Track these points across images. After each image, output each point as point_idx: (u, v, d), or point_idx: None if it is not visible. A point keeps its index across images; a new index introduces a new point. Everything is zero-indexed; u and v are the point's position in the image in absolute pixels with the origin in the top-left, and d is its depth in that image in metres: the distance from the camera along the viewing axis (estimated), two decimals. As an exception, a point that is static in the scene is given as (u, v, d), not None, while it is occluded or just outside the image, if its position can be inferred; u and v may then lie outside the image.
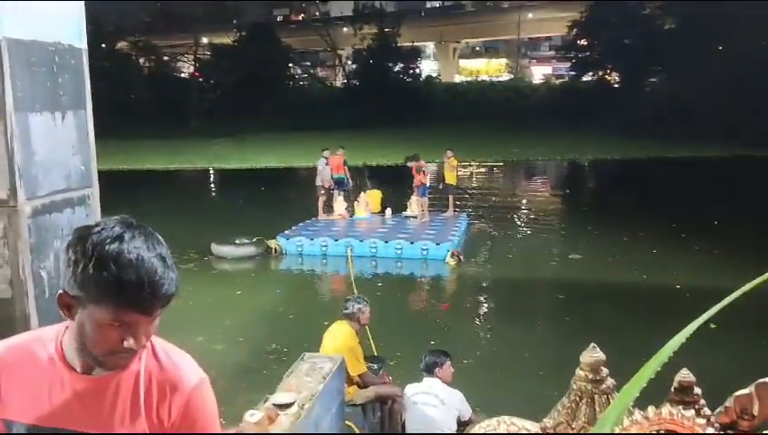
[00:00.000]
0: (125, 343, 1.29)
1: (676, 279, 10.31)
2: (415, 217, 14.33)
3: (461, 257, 12.15)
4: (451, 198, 15.07)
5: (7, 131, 2.21)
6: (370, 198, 15.15)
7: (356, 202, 14.94)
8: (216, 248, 12.57)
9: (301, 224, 14.00)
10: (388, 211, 14.91)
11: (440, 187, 15.38)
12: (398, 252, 12.41)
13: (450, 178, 14.94)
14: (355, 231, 13.46)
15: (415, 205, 14.51)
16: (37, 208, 2.35)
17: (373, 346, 7.43)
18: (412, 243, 12.45)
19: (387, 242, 12.59)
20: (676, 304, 9.01)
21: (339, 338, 5.11)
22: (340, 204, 14.87)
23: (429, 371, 4.80)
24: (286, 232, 13.28)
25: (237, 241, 12.61)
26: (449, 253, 12.11)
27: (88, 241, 1.24)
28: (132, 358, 1.34)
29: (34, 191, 2.33)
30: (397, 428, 5.16)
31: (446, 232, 13.22)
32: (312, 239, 12.90)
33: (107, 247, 1.22)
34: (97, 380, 1.38)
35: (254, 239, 12.77)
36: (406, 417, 4.81)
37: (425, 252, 12.26)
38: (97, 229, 1.26)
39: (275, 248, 12.87)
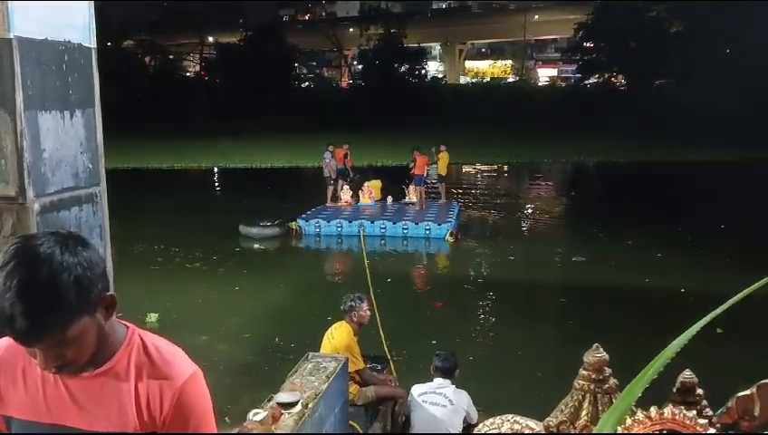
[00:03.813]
0: (36, 359, 1.30)
1: (680, 283, 10.26)
2: (413, 204, 16.00)
3: (459, 236, 13.91)
4: (443, 187, 16.77)
5: (17, 129, 2.23)
6: (372, 187, 16.56)
7: (360, 191, 16.37)
8: (244, 229, 13.89)
9: (313, 209, 15.40)
10: (390, 199, 16.44)
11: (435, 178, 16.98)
12: (405, 231, 14.14)
13: (443, 170, 16.44)
14: (364, 215, 15.02)
15: (412, 193, 16.22)
16: (46, 206, 2.37)
17: (381, 333, 7.50)
18: (417, 223, 14.17)
19: (395, 223, 14.25)
20: (680, 308, 8.96)
21: (336, 336, 5.13)
22: (345, 192, 16.32)
23: (449, 374, 4.79)
24: (304, 215, 14.74)
25: (262, 223, 13.91)
26: (449, 232, 13.82)
27: None
28: (73, 369, 1.34)
29: (43, 189, 2.35)
30: (397, 429, 5.15)
31: (444, 215, 14.92)
32: (328, 221, 14.49)
33: None
34: (86, 378, 1.39)
35: (277, 221, 14.12)
36: (412, 417, 4.80)
37: (428, 231, 14.02)
38: (5, 248, 1.27)
39: (296, 229, 14.33)
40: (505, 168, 27.25)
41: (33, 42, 2.27)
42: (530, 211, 17.91)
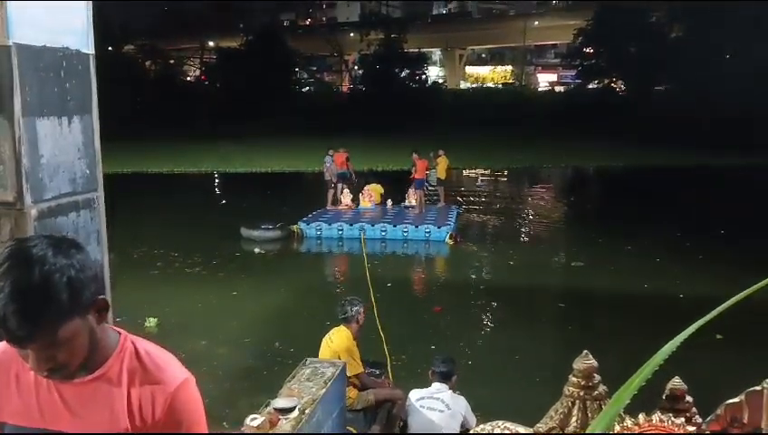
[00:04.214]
0: (28, 362, 1.31)
1: (679, 288, 10.28)
2: (413, 207, 16.20)
3: (458, 239, 14.06)
4: (442, 190, 17.09)
5: (15, 135, 2.24)
6: (373, 191, 16.74)
7: (360, 194, 16.60)
8: (246, 232, 13.97)
9: (314, 212, 15.55)
10: (389, 202, 16.61)
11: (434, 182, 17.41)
12: (405, 234, 14.32)
13: (441, 174, 16.81)
14: (364, 218, 15.16)
15: (412, 196, 16.48)
16: (43, 211, 2.37)
17: (382, 337, 7.51)
18: (417, 226, 14.37)
19: (395, 226, 14.45)
20: (679, 313, 8.95)
21: (335, 340, 5.11)
22: (346, 196, 16.56)
23: (446, 378, 4.78)
24: (305, 218, 14.89)
25: (263, 226, 13.98)
26: (448, 235, 14.00)
27: None
28: (65, 373, 1.35)
29: (41, 194, 2.36)
30: (394, 430, 5.15)
31: (444, 218, 15.18)
32: (329, 224, 14.66)
33: None
34: (79, 384, 1.40)
35: (278, 224, 14.19)
36: (409, 421, 4.80)
37: (428, 234, 14.19)
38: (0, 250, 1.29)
39: (297, 232, 14.46)
40: (505, 172, 27.27)
41: (32, 48, 2.28)
42: (529, 216, 17.92)
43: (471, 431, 2.08)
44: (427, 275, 12.72)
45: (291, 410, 3.76)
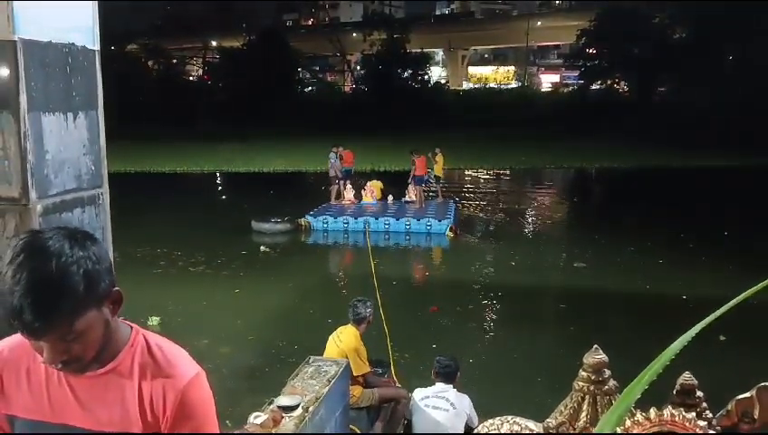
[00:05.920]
0: (42, 356, 1.31)
1: (682, 289, 10.24)
2: (413, 202, 16.85)
3: (457, 232, 14.68)
4: (439, 187, 17.79)
5: (21, 131, 2.24)
6: (374, 187, 17.35)
7: (362, 190, 17.20)
8: (256, 225, 14.56)
9: (320, 207, 16.14)
10: (390, 197, 17.22)
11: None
12: (407, 227, 14.98)
13: (438, 171, 17.48)
14: (367, 212, 15.77)
15: (412, 192, 17.13)
16: (48, 207, 2.38)
17: (387, 336, 7.53)
18: (418, 220, 15.02)
19: (398, 219, 15.12)
20: (682, 314, 8.93)
21: (344, 339, 5.11)
22: (348, 192, 17.04)
23: (450, 378, 4.77)
24: (312, 212, 15.50)
25: (273, 220, 14.61)
26: (448, 228, 14.61)
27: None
28: (79, 365, 1.35)
29: (46, 190, 2.36)
30: (397, 429, 5.14)
31: (443, 212, 15.76)
32: (335, 218, 15.19)
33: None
34: (90, 378, 1.40)
35: (287, 218, 14.77)
36: (413, 421, 4.79)
37: (429, 227, 14.84)
38: (15, 242, 1.28)
39: (304, 225, 14.95)
40: (508, 172, 27.24)
41: (38, 44, 2.28)
42: (532, 216, 17.89)
43: (480, 427, 2.07)
44: (429, 269, 12.90)
45: (294, 408, 3.76)
